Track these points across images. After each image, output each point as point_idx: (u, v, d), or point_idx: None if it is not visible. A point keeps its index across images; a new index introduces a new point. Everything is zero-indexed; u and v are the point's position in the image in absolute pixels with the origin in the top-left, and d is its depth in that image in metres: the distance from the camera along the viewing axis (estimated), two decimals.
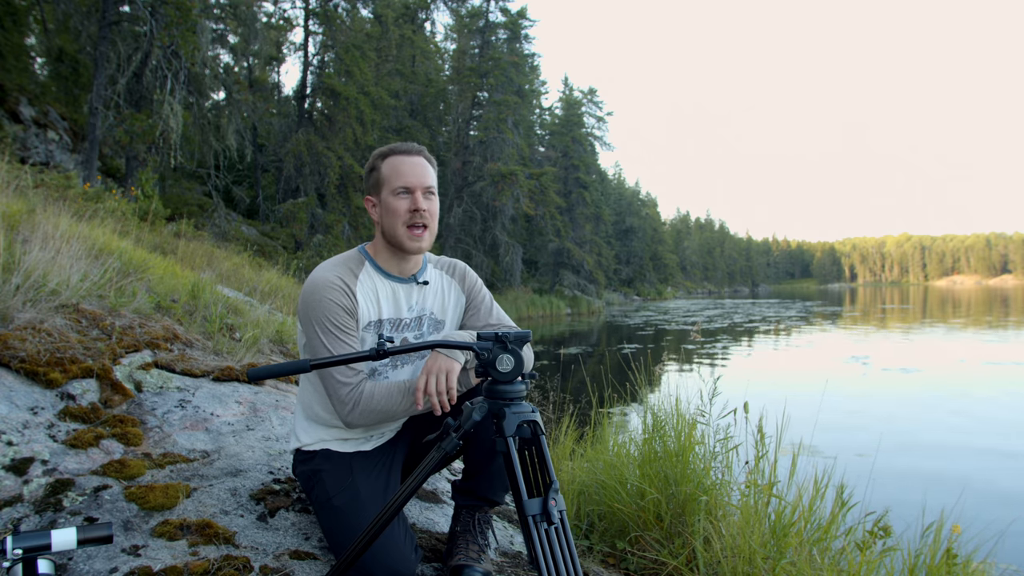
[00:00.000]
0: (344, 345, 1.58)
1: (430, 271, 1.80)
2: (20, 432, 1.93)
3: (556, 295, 32.32)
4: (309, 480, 1.70)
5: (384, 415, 1.58)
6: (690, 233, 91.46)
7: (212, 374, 2.77)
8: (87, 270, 3.29)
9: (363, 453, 1.73)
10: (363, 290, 1.65)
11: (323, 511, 1.63)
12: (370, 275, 1.68)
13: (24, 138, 12.75)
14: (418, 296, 1.75)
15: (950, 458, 6.09)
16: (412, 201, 1.63)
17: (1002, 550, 2.23)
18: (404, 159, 1.66)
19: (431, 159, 1.73)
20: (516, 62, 28.59)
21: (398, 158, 1.67)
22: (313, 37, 22.39)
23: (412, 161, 1.66)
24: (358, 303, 1.63)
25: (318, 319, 1.58)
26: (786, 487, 2.28)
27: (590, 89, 41.09)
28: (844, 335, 19.33)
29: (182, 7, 11.93)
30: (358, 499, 1.61)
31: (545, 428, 1.31)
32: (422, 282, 1.74)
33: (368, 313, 1.66)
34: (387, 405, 1.57)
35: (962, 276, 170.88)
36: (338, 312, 1.59)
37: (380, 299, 1.69)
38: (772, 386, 9.05)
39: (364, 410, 1.56)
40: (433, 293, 1.78)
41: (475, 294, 1.85)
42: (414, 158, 1.67)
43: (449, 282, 1.82)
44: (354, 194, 21.33)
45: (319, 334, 1.58)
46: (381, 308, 1.69)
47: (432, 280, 1.79)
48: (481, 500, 1.80)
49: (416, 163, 1.66)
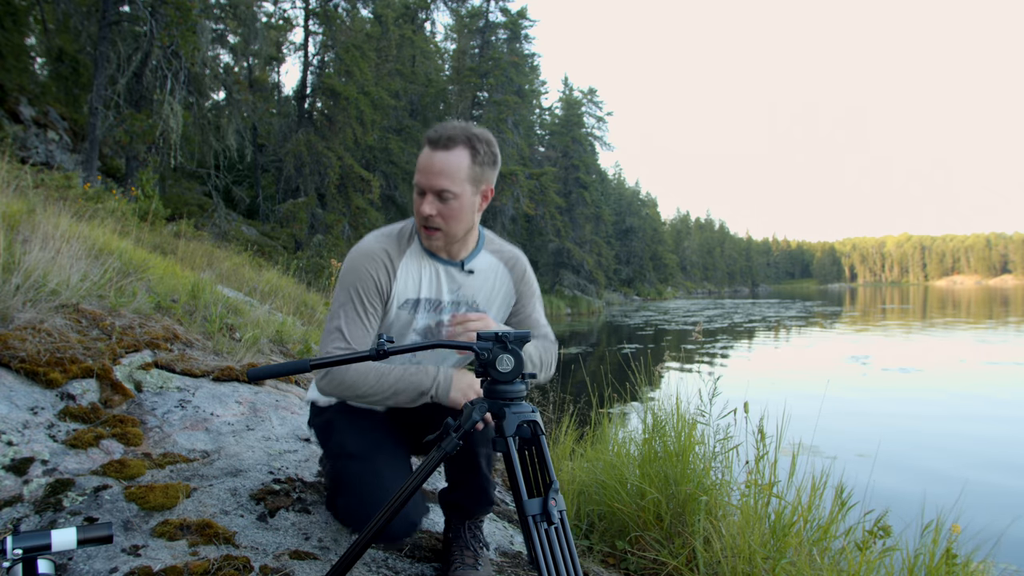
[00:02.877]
0: (357, 321, 1.55)
1: (483, 258, 1.68)
2: (20, 432, 1.93)
3: (556, 295, 32.33)
4: (323, 431, 1.72)
5: (353, 392, 1.54)
6: (690, 233, 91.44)
7: (212, 374, 2.77)
8: (87, 270, 3.29)
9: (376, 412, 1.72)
10: (406, 266, 1.60)
11: (336, 459, 1.63)
12: (416, 252, 1.62)
13: (24, 138, 12.75)
14: (463, 282, 1.66)
15: (950, 458, 6.09)
16: (421, 202, 1.53)
17: (1002, 550, 2.23)
18: (427, 152, 1.53)
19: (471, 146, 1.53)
20: (516, 62, 28.60)
21: (425, 150, 1.54)
22: (313, 37, 22.40)
23: (432, 157, 1.51)
24: (396, 279, 1.59)
25: (348, 285, 1.56)
26: (786, 487, 2.28)
27: (590, 89, 41.15)
28: (844, 335, 19.32)
29: (182, 7, 11.93)
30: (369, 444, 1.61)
31: (545, 428, 1.31)
32: (468, 270, 1.65)
33: (406, 290, 1.61)
34: (357, 382, 1.52)
35: (962, 276, 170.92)
36: (369, 286, 1.56)
37: (422, 278, 1.62)
38: (772, 386, 9.05)
39: (333, 379, 1.53)
40: (481, 282, 1.68)
41: (523, 293, 1.75)
42: (437, 153, 1.51)
43: (504, 274, 1.71)
44: (354, 194, 21.34)
45: (341, 300, 1.56)
46: (421, 287, 1.62)
47: (481, 268, 1.67)
48: (465, 513, 1.77)
49: (436, 159, 1.51)
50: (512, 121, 27.65)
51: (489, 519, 2.25)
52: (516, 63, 28.65)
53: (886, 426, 7.21)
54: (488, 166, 1.56)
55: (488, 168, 1.56)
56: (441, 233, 1.55)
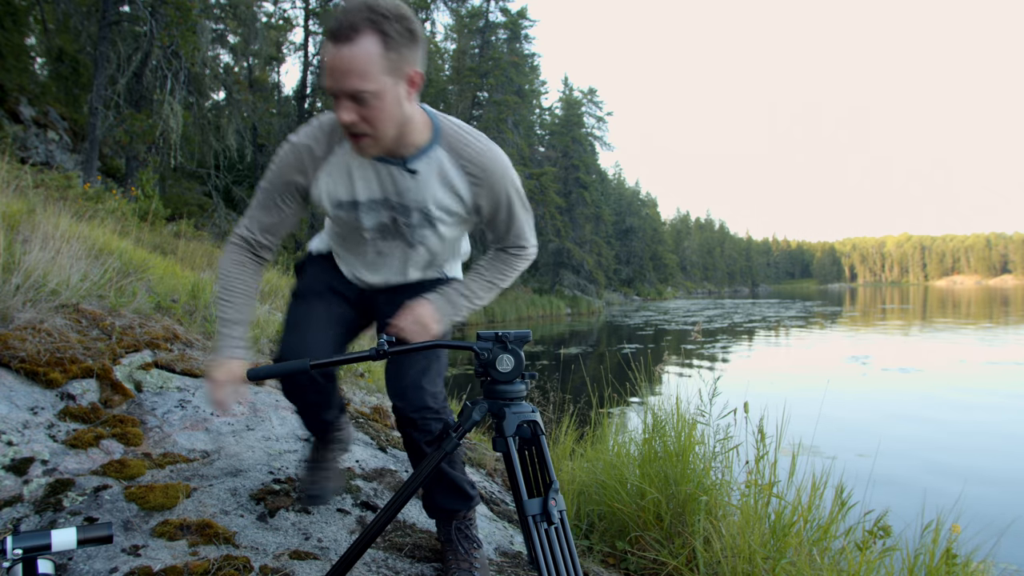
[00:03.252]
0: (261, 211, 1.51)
1: (434, 157, 1.43)
2: (20, 432, 1.93)
3: (556, 295, 32.34)
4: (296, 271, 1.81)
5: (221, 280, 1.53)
6: (690, 233, 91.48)
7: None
8: (87, 270, 3.29)
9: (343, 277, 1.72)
10: (333, 167, 1.44)
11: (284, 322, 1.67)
12: (349, 150, 1.42)
13: (24, 138, 12.75)
14: (408, 184, 1.44)
15: (950, 458, 6.09)
16: (337, 108, 1.28)
17: (1002, 550, 2.23)
18: (330, 49, 1.24)
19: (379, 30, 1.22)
20: (516, 62, 28.61)
21: (327, 46, 1.25)
22: (313, 37, 22.41)
23: (337, 54, 1.22)
24: (317, 181, 1.45)
25: (268, 172, 1.50)
26: (786, 487, 2.28)
27: (590, 89, 41.19)
28: (844, 335, 19.32)
29: (182, 7, 11.94)
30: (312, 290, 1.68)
31: (545, 428, 1.31)
32: (410, 170, 1.42)
33: (336, 192, 1.46)
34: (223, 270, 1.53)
35: (962, 276, 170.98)
36: (280, 182, 1.47)
37: (355, 180, 1.45)
38: (772, 386, 9.05)
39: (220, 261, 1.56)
40: (429, 186, 1.44)
41: (494, 201, 1.49)
42: (341, 49, 1.21)
43: (461, 180, 1.45)
44: None
45: (262, 183, 1.51)
46: (355, 189, 1.46)
47: (430, 170, 1.43)
48: (446, 514, 1.76)
49: (341, 57, 1.21)
50: (512, 121, 27.66)
51: (489, 519, 2.25)
52: (516, 63, 28.67)
53: (886, 426, 7.21)
54: (406, 47, 1.27)
55: (406, 49, 1.27)
56: (369, 139, 1.33)
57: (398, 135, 1.35)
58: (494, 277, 1.62)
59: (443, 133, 1.43)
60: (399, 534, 1.90)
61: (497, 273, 1.62)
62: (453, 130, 1.45)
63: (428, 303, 1.50)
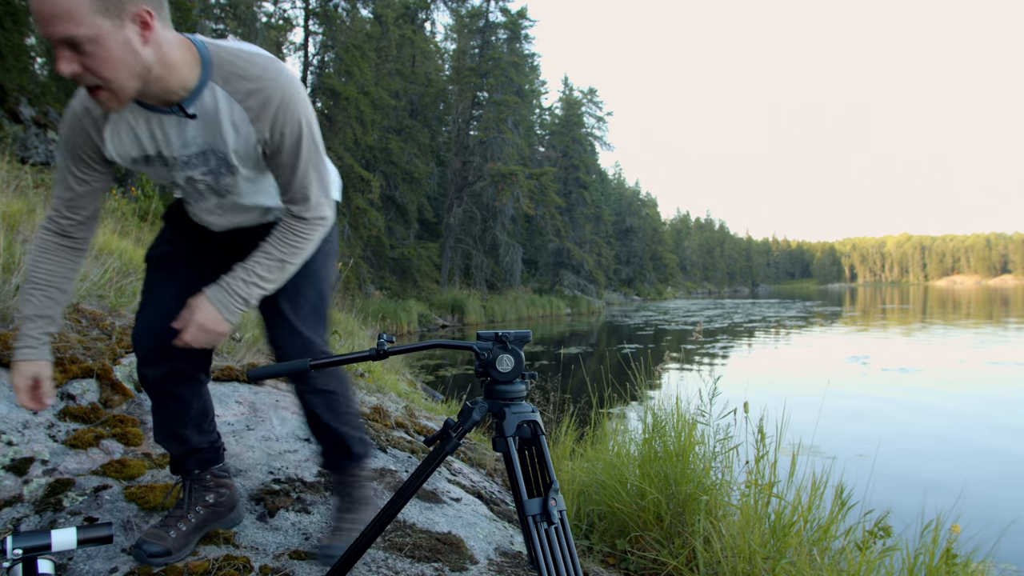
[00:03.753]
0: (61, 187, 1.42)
1: (208, 96, 1.29)
2: (20, 432, 1.93)
3: (556, 295, 32.33)
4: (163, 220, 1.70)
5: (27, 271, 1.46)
6: (690, 233, 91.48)
7: (212, 374, 2.77)
8: (87, 270, 3.29)
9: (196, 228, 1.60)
10: (116, 122, 1.33)
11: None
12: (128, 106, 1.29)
13: (24, 138, 12.75)
14: (193, 131, 1.32)
15: (950, 458, 6.09)
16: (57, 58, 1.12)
17: (1002, 550, 2.23)
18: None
19: None
20: (516, 62, 28.60)
21: None
22: (313, 37, 22.40)
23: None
24: (104, 139, 1.35)
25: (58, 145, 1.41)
26: (786, 487, 2.28)
27: (590, 89, 41.13)
28: (844, 335, 19.32)
29: (182, 7, 11.95)
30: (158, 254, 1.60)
31: (545, 428, 1.31)
32: (190, 114, 1.29)
33: (127, 148, 1.36)
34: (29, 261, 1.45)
35: (962, 276, 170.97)
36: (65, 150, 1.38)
37: (139, 134, 1.33)
38: (772, 386, 9.05)
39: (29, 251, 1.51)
40: (213, 128, 1.32)
41: (275, 132, 1.33)
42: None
43: (240, 113, 1.31)
44: (354, 194, 21.33)
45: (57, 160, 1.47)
46: (143, 144, 1.35)
47: (208, 109, 1.30)
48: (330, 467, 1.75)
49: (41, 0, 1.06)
50: (512, 121, 27.64)
51: (489, 519, 2.25)
52: (516, 63, 28.65)
53: (886, 426, 7.21)
54: None
55: None
56: (106, 92, 1.17)
57: (151, 82, 1.21)
58: (283, 254, 1.42)
59: (215, 66, 1.28)
60: (399, 534, 1.90)
61: (286, 247, 1.42)
62: (226, 59, 1.29)
63: (207, 303, 1.36)
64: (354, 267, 19.16)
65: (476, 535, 2.05)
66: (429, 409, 4.24)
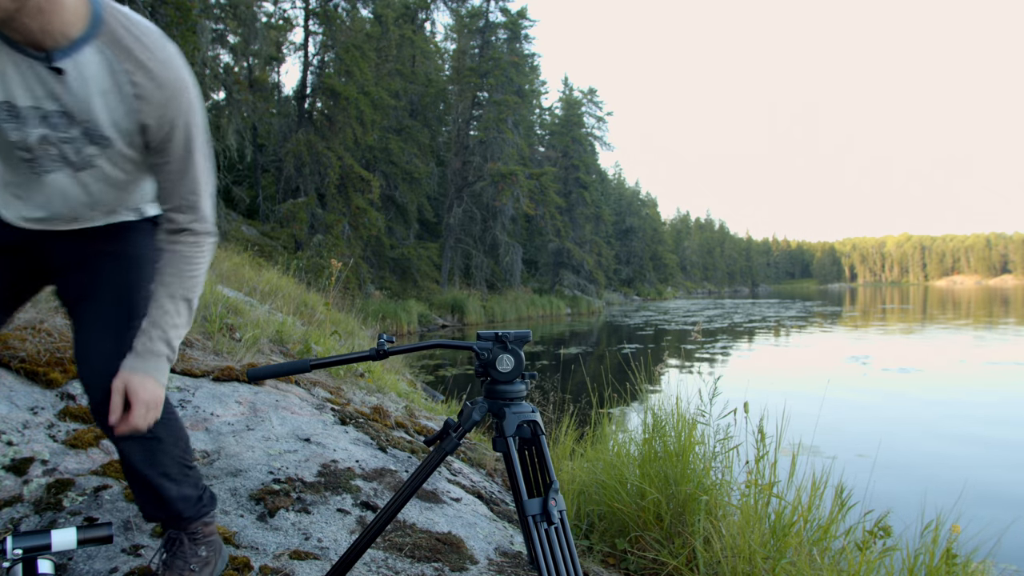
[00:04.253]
0: None
1: (88, 55, 1.10)
2: (20, 432, 1.93)
3: (556, 295, 32.33)
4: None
5: None
6: (690, 233, 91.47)
7: (212, 374, 2.77)
8: None
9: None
10: None
11: None
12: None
13: None
14: (55, 87, 1.10)
15: (950, 458, 6.09)
16: None
17: (1002, 550, 2.23)
18: None
19: None
20: (516, 62, 28.60)
21: None
22: (313, 37, 22.40)
23: None
24: None
25: None
26: (786, 487, 2.28)
27: (590, 89, 41.12)
28: (844, 335, 19.32)
29: (182, 7, 11.94)
30: None
31: (545, 428, 1.31)
32: (55, 68, 1.08)
33: None
34: None
35: (962, 276, 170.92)
36: None
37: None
38: (772, 386, 9.05)
39: None
40: (84, 90, 1.11)
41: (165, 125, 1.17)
42: None
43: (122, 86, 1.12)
44: (354, 194, 21.33)
45: None
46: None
47: (85, 70, 1.10)
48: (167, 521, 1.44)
49: None
50: (512, 121, 27.64)
51: (489, 519, 2.25)
52: (516, 63, 28.64)
53: (886, 426, 7.21)
54: None
55: None
56: None
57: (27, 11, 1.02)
58: (186, 290, 1.27)
59: (106, 24, 1.11)
60: (399, 534, 1.90)
61: (186, 282, 1.27)
62: (122, 22, 1.12)
63: (137, 377, 1.21)
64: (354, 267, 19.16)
65: (476, 535, 2.05)
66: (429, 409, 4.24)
